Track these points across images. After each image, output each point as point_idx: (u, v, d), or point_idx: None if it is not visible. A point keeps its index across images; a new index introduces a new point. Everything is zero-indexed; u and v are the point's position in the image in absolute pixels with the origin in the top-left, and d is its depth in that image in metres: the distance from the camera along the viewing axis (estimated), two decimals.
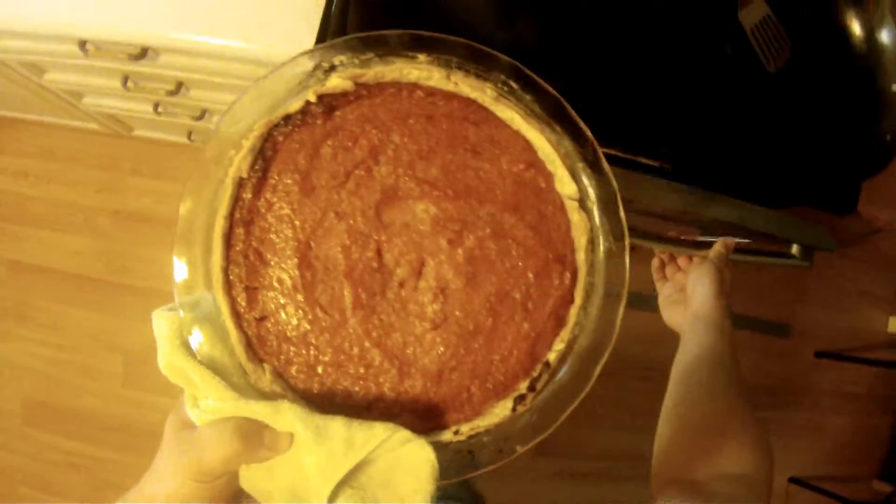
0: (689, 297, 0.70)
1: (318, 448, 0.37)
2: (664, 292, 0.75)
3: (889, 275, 1.77)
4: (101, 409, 1.56)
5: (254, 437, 0.36)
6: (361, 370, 0.41)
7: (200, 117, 0.93)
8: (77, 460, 1.56)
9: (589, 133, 0.43)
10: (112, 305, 1.57)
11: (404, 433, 0.38)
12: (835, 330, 1.71)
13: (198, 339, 0.40)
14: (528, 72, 0.42)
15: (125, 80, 0.82)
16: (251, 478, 0.38)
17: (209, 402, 0.38)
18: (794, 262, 0.80)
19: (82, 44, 0.69)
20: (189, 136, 1.14)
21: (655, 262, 0.79)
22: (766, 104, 0.74)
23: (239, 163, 0.41)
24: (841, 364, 1.66)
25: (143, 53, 0.69)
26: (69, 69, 0.85)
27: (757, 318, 1.64)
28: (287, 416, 0.37)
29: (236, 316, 0.41)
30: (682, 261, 0.77)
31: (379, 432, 0.37)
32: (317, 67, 0.43)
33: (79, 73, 0.86)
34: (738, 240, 0.73)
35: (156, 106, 0.92)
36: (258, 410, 0.37)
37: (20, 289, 1.60)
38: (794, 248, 0.78)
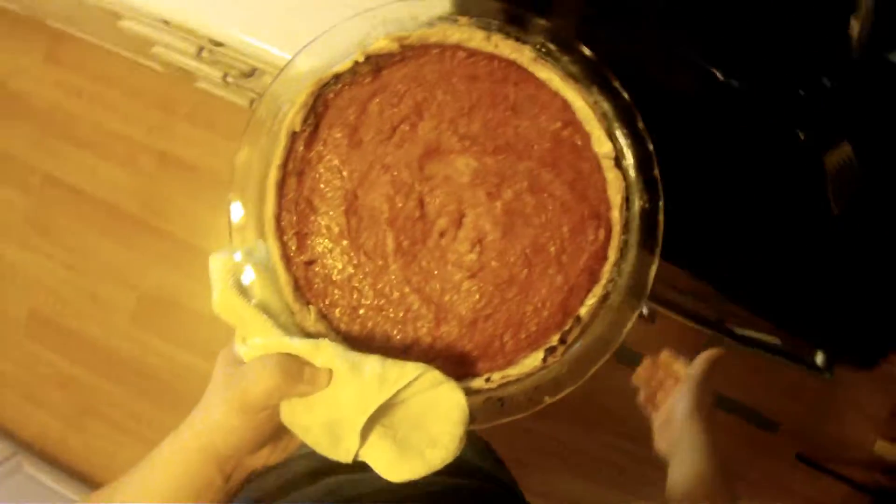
0: (671, 422, 0.66)
1: (352, 381, 0.39)
2: (657, 421, 0.70)
3: (886, 397, 1.71)
4: (103, 339, 1.58)
5: (294, 372, 0.38)
6: (401, 314, 0.43)
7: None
8: (67, 381, 1.59)
9: (626, 94, 0.45)
10: (137, 243, 1.58)
11: (435, 374, 0.40)
12: (821, 435, 1.66)
13: (249, 279, 0.43)
14: (565, 34, 0.44)
15: (200, 49, 0.84)
16: (291, 413, 0.40)
17: (256, 341, 0.40)
18: (815, 372, 0.78)
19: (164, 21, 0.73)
20: (251, 104, 1.16)
21: (641, 397, 0.73)
22: (822, 245, 0.73)
23: (292, 117, 0.44)
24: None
25: (221, 43, 0.72)
26: (146, 25, 0.88)
27: (747, 406, 1.63)
28: (326, 353, 0.39)
29: (286, 259, 0.44)
30: (669, 382, 0.72)
31: (410, 370, 0.39)
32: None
33: (155, 30, 0.89)
34: (722, 349, 0.71)
35: (225, 75, 0.94)
36: (300, 348, 0.39)
37: (50, 203, 1.62)
38: (819, 358, 0.77)
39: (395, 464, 0.41)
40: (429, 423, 0.41)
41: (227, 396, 0.39)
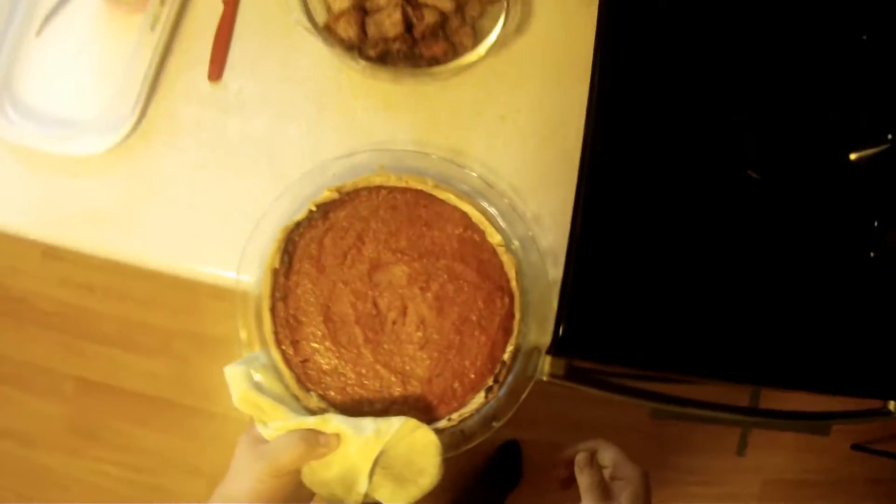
0: None
1: (357, 439, 0.55)
2: (592, 499, 0.58)
3: None
4: None
5: (313, 440, 0.54)
6: (377, 385, 0.60)
7: None
8: None
9: (506, 200, 0.62)
10: (188, 429, 1.55)
11: (413, 422, 0.57)
12: (867, 426, 1.78)
13: (260, 380, 0.60)
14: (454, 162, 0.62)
15: None
16: (311, 473, 0.57)
17: (276, 423, 0.57)
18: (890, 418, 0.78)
19: None
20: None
21: (582, 457, 0.62)
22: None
23: (271, 257, 0.61)
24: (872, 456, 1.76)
25: None
26: None
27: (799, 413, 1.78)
28: (333, 423, 0.56)
29: (287, 362, 0.60)
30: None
31: (395, 422, 0.56)
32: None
33: None
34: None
35: None
36: (313, 422, 0.56)
37: (89, 407, 1.56)
38: (893, 405, 0.75)
39: (397, 493, 0.58)
40: (415, 459, 0.58)
41: (259, 466, 0.52)
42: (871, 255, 0.76)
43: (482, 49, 0.67)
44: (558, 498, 1.72)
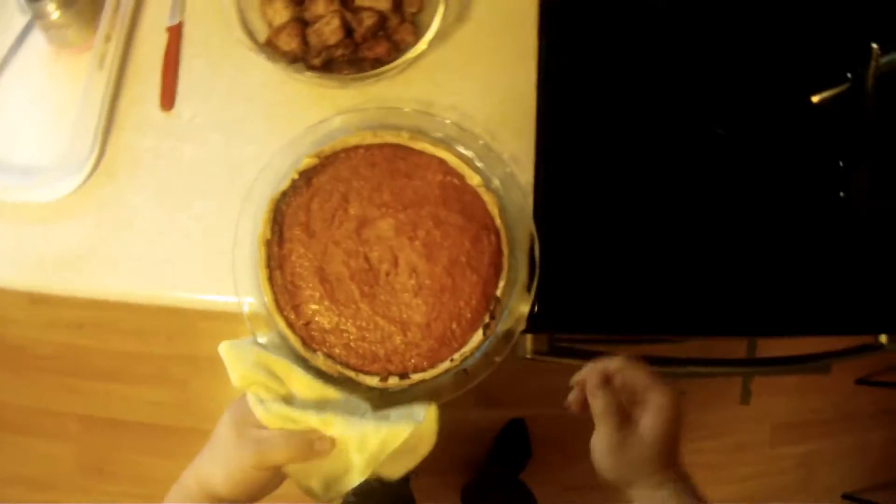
0: (634, 445, 0.51)
1: (359, 445, 0.52)
2: (608, 425, 0.53)
3: None
4: None
5: (308, 447, 0.50)
6: (378, 336, 0.62)
7: None
8: None
9: (481, 141, 0.65)
10: (196, 452, 1.54)
11: (420, 426, 0.54)
12: (870, 358, 1.82)
13: (266, 342, 0.61)
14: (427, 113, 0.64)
15: None
16: (298, 469, 0.53)
17: (275, 407, 0.52)
18: (876, 352, 0.79)
19: None
20: None
21: (594, 378, 0.55)
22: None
23: (262, 229, 0.64)
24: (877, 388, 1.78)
25: None
26: None
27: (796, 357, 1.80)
28: (335, 428, 0.52)
29: (290, 326, 0.62)
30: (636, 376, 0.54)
31: (403, 431, 0.52)
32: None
33: None
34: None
35: None
36: (315, 422, 0.52)
37: (95, 444, 1.56)
38: (884, 338, 0.78)
39: (395, 466, 0.57)
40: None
41: (246, 455, 0.49)
42: (841, 194, 0.79)
43: (423, 44, 0.68)
44: (570, 472, 1.73)
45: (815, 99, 0.82)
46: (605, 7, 0.80)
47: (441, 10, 0.68)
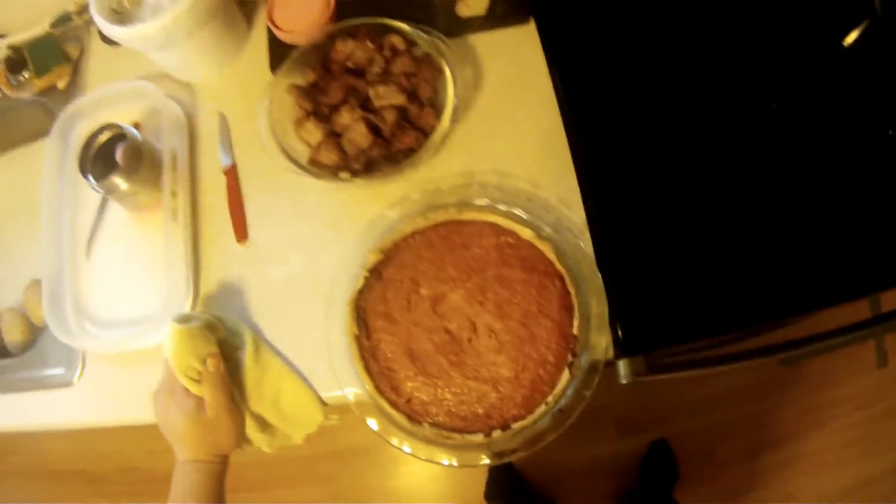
0: None
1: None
2: None
3: None
4: None
5: (216, 372, 0.67)
6: (474, 396, 0.68)
7: None
8: None
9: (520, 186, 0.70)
10: None
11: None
12: None
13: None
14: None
15: None
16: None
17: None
18: None
19: None
20: None
21: None
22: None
23: (350, 326, 0.70)
24: None
25: None
26: None
27: None
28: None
29: (394, 406, 0.69)
30: None
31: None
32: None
33: None
34: None
35: None
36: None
37: None
38: None
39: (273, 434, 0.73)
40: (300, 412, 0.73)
41: (196, 411, 0.66)
42: (890, 133, 0.76)
43: (445, 122, 0.73)
44: (722, 483, 1.67)
45: (846, 42, 0.80)
46: (609, 20, 0.82)
47: (451, 88, 0.74)
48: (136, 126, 0.88)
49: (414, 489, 1.70)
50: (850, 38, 0.80)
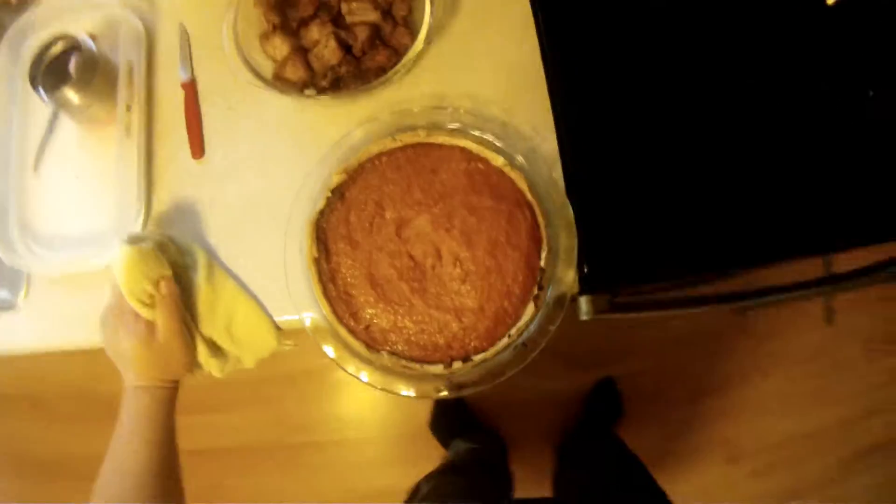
0: None
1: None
2: None
3: None
4: None
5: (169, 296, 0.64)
6: (436, 326, 0.65)
7: None
8: None
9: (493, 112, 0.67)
10: (301, 464, 1.66)
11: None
12: None
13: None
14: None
15: None
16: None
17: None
18: None
19: None
20: None
21: None
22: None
23: (309, 248, 0.67)
24: None
25: None
26: None
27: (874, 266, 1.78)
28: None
29: (352, 332, 0.66)
30: None
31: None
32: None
33: None
34: None
35: None
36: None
37: (201, 476, 1.52)
38: None
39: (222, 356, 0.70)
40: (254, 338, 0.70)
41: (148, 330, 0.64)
42: (870, 93, 0.75)
43: (419, 42, 0.70)
44: (666, 421, 1.70)
45: (829, 1, 0.78)
46: None
47: (428, 7, 0.70)
48: (92, 38, 0.82)
49: (357, 416, 1.70)
50: None
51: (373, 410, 1.70)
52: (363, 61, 0.71)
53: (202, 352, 0.68)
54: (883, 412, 1.64)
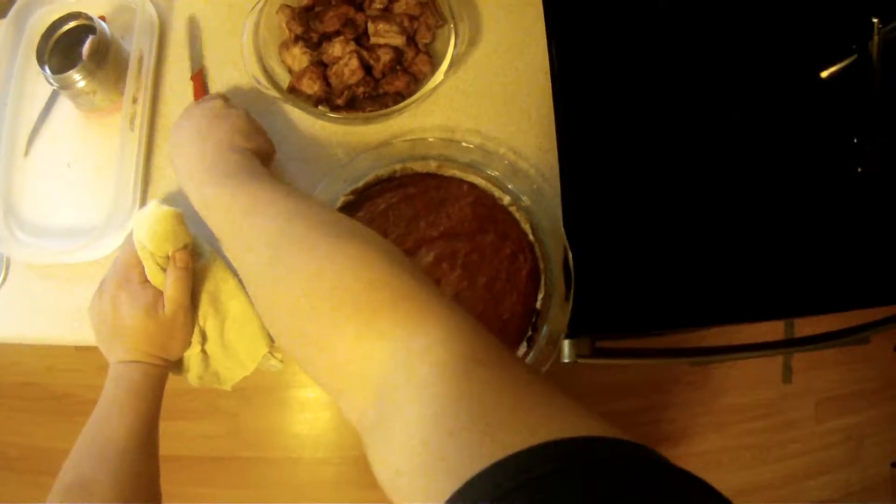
0: None
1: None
2: None
3: None
4: None
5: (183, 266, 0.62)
6: None
7: None
8: None
9: (506, 161, 0.68)
10: (252, 479, 1.64)
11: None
12: None
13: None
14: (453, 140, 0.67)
15: None
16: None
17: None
18: None
19: None
20: None
21: None
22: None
23: None
24: None
25: None
26: None
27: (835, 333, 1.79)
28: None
29: None
30: None
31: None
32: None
33: None
34: None
35: None
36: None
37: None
38: None
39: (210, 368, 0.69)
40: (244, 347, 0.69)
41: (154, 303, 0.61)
42: (859, 170, 0.82)
43: (440, 73, 0.69)
44: None
45: (823, 75, 0.84)
46: (612, 8, 0.83)
47: (453, 38, 0.71)
48: (103, 20, 0.80)
49: (315, 436, 1.68)
50: (828, 72, 0.84)
51: (333, 431, 1.68)
52: (381, 84, 0.71)
53: (193, 348, 0.67)
54: (828, 472, 1.71)
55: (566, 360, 0.74)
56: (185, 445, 1.64)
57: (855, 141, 0.82)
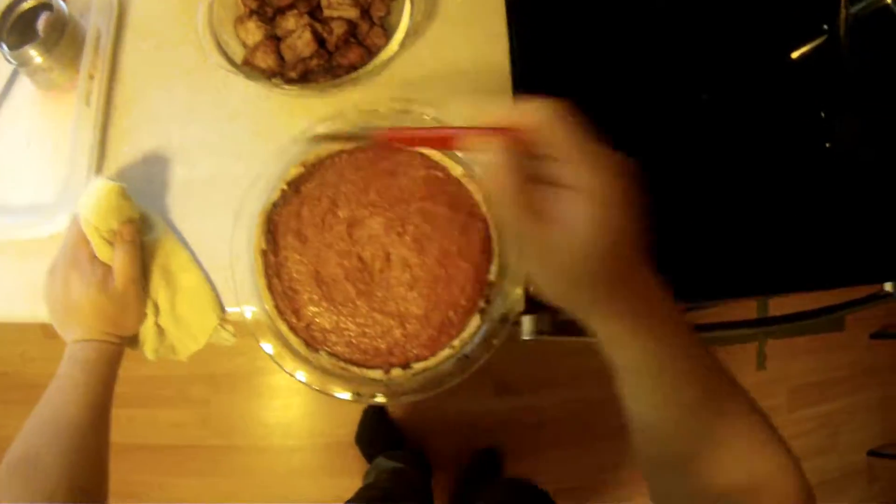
0: (564, 245, 0.37)
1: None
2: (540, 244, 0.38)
3: None
4: None
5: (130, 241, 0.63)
6: (379, 330, 0.64)
7: None
8: None
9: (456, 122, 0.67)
10: (222, 468, 1.63)
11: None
12: (883, 311, 1.78)
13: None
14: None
15: None
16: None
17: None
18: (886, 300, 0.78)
19: None
20: None
21: (504, 160, 0.38)
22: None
23: (257, 240, 0.66)
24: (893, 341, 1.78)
25: None
26: None
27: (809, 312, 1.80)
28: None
29: (292, 329, 0.65)
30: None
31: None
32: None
33: None
34: None
35: None
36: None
37: (122, 470, 1.53)
38: (890, 286, 0.78)
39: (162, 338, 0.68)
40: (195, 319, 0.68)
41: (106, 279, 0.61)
42: (826, 145, 0.81)
43: (395, 45, 0.69)
44: (588, 458, 1.73)
45: (794, 55, 0.83)
46: None
47: (407, 10, 0.70)
48: None
49: (284, 423, 1.67)
50: (799, 52, 0.83)
51: (301, 419, 1.67)
52: (335, 57, 0.71)
53: (147, 316, 0.66)
54: (804, 459, 1.68)
55: (525, 337, 0.73)
56: (155, 434, 1.64)
57: (823, 116, 0.81)
